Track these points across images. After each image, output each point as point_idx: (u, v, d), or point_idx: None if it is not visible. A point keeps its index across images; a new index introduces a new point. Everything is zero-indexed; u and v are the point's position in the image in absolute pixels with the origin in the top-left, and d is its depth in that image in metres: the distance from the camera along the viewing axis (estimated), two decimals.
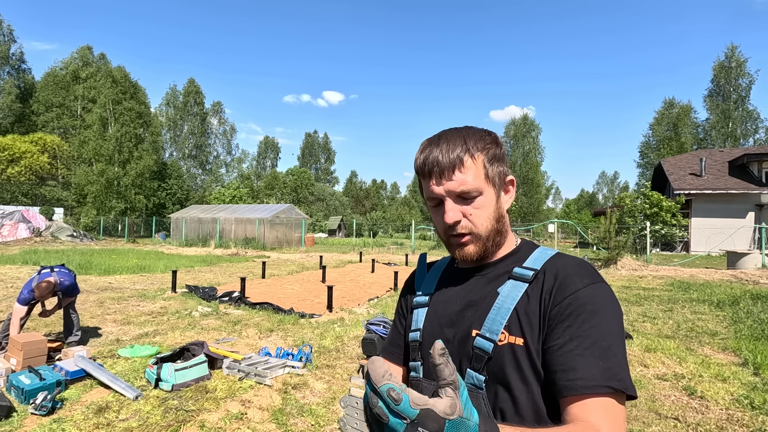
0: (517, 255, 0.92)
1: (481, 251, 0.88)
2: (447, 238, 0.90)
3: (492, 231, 0.88)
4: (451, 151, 0.84)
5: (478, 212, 0.86)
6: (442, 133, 0.90)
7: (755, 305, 7.70)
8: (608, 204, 66.25)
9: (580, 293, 0.78)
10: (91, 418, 3.25)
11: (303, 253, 21.00)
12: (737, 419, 3.38)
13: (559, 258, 0.88)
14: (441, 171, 0.85)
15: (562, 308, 0.78)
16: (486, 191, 0.86)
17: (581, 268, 0.84)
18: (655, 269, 13.83)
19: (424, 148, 0.89)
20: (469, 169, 0.85)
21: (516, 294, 0.84)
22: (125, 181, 33.98)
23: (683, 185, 22.72)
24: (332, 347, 5.22)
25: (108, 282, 10.24)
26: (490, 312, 0.84)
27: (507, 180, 0.92)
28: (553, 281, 0.82)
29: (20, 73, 43.17)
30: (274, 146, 69.58)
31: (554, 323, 0.78)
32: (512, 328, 0.81)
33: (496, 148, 0.88)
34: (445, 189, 0.85)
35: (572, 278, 0.81)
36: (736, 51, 41.83)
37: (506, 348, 0.80)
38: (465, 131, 0.89)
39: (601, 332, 0.75)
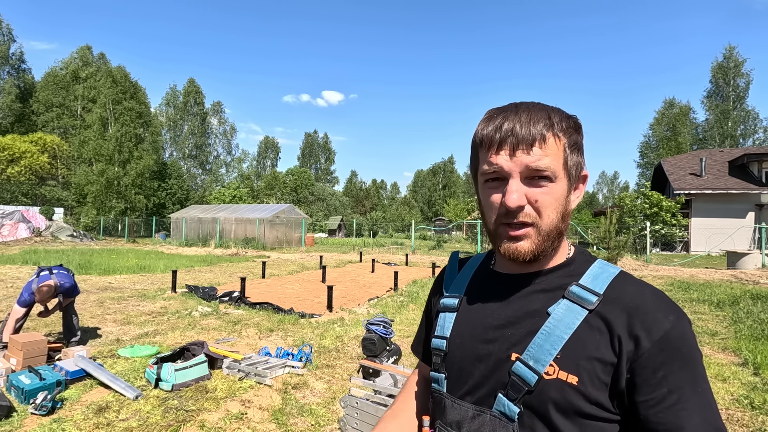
0: (570, 267, 0.78)
1: (537, 251, 0.73)
2: (497, 227, 0.75)
3: (555, 229, 0.73)
4: (533, 124, 0.71)
5: (547, 200, 0.72)
6: (519, 103, 0.76)
7: (755, 305, 7.70)
8: (608, 204, 66.26)
9: (670, 335, 0.66)
10: (91, 418, 3.25)
11: (303, 253, 21.00)
12: (737, 419, 3.38)
13: (626, 282, 0.73)
14: (517, 143, 0.70)
15: (651, 355, 0.66)
16: (560, 179, 0.73)
17: (660, 299, 0.71)
18: (655, 269, 13.84)
19: (494, 115, 0.74)
20: (550, 149, 0.71)
21: (572, 321, 0.70)
22: (125, 181, 33.99)
23: (683, 185, 22.73)
24: (332, 347, 5.22)
25: (108, 282, 10.24)
26: (537, 336, 0.71)
27: (582, 175, 0.78)
28: (626, 317, 0.68)
29: (20, 72, 43.20)
30: (274, 146, 69.62)
31: (644, 372, 0.66)
32: (564, 362, 0.68)
33: (577, 135, 0.76)
34: (516, 163, 0.71)
35: (654, 315, 0.68)
36: (734, 51, 41.89)
37: (554, 384, 0.68)
38: (547, 106, 0.75)
39: (697, 379, 0.67)
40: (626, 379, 0.67)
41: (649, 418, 0.66)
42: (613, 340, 0.68)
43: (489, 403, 0.74)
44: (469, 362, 0.78)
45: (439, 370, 0.83)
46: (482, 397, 0.75)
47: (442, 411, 0.81)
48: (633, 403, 0.67)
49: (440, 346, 0.83)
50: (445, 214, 50.23)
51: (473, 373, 0.77)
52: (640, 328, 0.67)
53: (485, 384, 0.75)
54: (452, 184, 70.09)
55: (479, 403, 0.75)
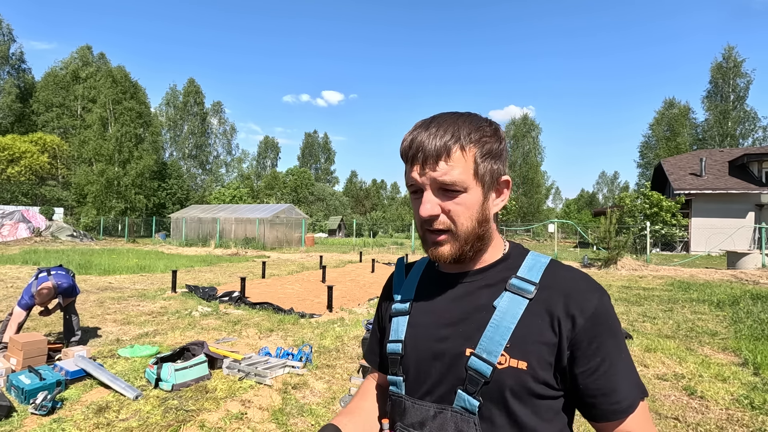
0: (508, 261, 0.84)
1: (456, 254, 0.79)
2: (423, 233, 0.81)
3: (472, 234, 0.78)
4: (439, 138, 0.75)
5: (460, 210, 0.77)
6: (438, 115, 0.80)
7: (755, 305, 7.70)
8: (608, 204, 66.26)
9: (599, 310, 0.75)
10: (91, 418, 3.25)
11: (303, 253, 21.00)
12: (737, 419, 3.38)
13: (557, 269, 0.81)
14: (425, 158, 0.75)
15: (585, 329, 0.73)
16: (472, 189, 0.77)
17: (587, 281, 0.79)
18: (655, 269, 13.83)
19: (413, 129, 0.80)
20: (456, 162, 0.75)
21: (516, 311, 0.76)
22: (125, 181, 34.01)
23: (683, 185, 22.73)
24: (332, 347, 5.22)
25: (108, 282, 10.24)
26: (487, 329, 0.76)
27: (501, 180, 0.82)
28: (562, 298, 0.75)
29: (20, 72, 43.21)
30: (274, 146, 69.63)
31: (581, 345, 0.73)
32: (514, 349, 0.74)
33: (493, 143, 0.78)
34: (427, 177, 0.76)
35: (585, 294, 0.76)
36: (733, 52, 41.88)
37: (507, 372, 0.73)
38: (462, 117, 0.79)
39: (621, 346, 0.76)
40: (567, 355, 0.74)
41: (588, 385, 0.74)
42: (553, 323, 0.74)
43: (449, 400, 0.77)
44: (425, 362, 0.81)
45: (396, 373, 0.85)
46: (442, 395, 0.78)
47: (402, 413, 0.82)
48: (573, 375, 0.75)
49: (396, 350, 0.86)
50: None
51: (430, 372, 0.80)
52: (575, 307, 0.74)
53: (443, 382, 0.78)
54: None
55: (439, 401, 0.78)
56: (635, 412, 0.75)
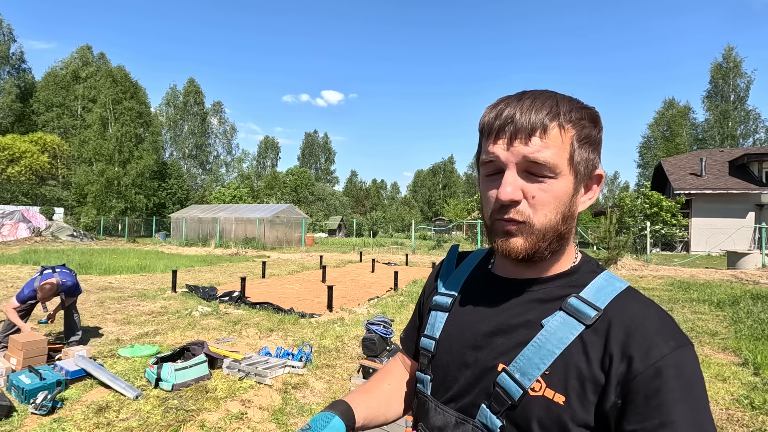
0: (573, 276, 0.71)
1: (531, 250, 0.67)
2: (493, 221, 0.69)
3: (552, 230, 0.67)
4: (536, 111, 0.65)
5: (546, 198, 0.66)
6: (528, 90, 0.70)
7: (755, 305, 7.70)
8: (608, 204, 66.28)
9: (668, 362, 0.59)
10: (91, 418, 3.25)
11: (303, 253, 21.00)
12: (737, 419, 3.38)
13: (631, 299, 0.67)
14: (515, 131, 0.65)
15: (644, 381, 0.59)
16: (564, 176, 0.66)
17: (663, 323, 0.64)
18: (655, 269, 13.84)
19: (499, 102, 0.69)
20: (553, 141, 0.64)
21: (567, 336, 0.65)
22: (125, 180, 34.01)
23: (683, 185, 22.73)
24: (332, 347, 5.22)
25: (108, 282, 10.24)
26: (527, 348, 0.66)
27: (594, 174, 0.72)
28: (624, 336, 0.62)
29: (20, 72, 43.22)
30: (274, 146, 69.65)
31: (635, 399, 0.59)
32: (553, 379, 0.63)
33: (593, 128, 0.69)
34: (513, 153, 0.65)
35: (654, 339, 0.61)
36: (732, 52, 41.88)
37: (539, 402, 0.63)
38: (559, 94, 0.69)
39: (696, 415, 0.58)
40: (613, 402, 0.61)
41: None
42: (604, 359, 0.62)
43: (472, 413, 0.71)
44: (455, 367, 0.75)
45: (425, 371, 0.80)
46: (466, 406, 0.72)
47: (425, 414, 0.78)
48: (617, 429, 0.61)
49: (428, 347, 0.80)
50: (445, 214, 50.21)
51: (458, 379, 0.74)
52: (636, 348, 0.61)
53: (470, 392, 0.72)
54: (452, 184, 70.11)
55: (463, 411, 0.72)
56: None
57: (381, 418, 0.87)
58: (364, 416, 0.82)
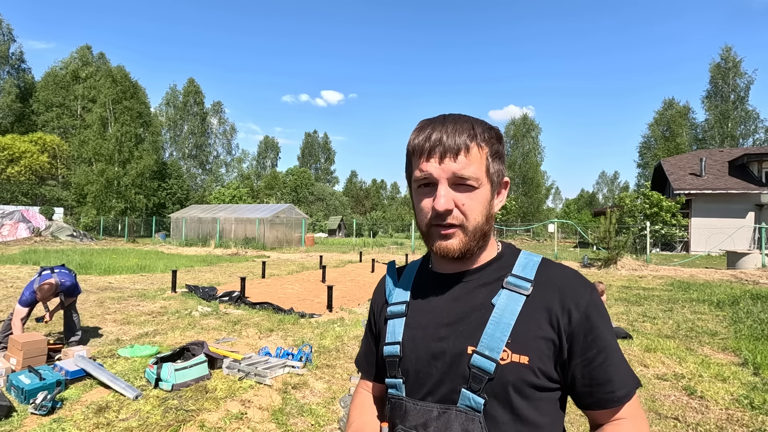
0: (502, 260, 0.86)
1: (465, 248, 0.80)
2: (429, 228, 0.81)
3: (480, 230, 0.80)
4: (458, 134, 0.77)
5: (473, 204, 0.79)
6: (446, 115, 0.82)
7: (755, 305, 7.71)
8: (608, 204, 66.28)
9: (590, 304, 0.78)
10: (91, 418, 3.25)
11: (303, 253, 21.00)
12: (737, 419, 3.38)
13: (549, 266, 0.84)
14: (444, 151, 0.77)
15: (580, 323, 0.77)
16: (484, 186, 0.80)
17: (578, 277, 0.83)
18: (655, 269, 13.83)
19: (424, 126, 0.81)
20: (474, 158, 0.78)
21: (515, 307, 0.78)
22: (125, 180, 33.99)
23: (683, 185, 22.72)
24: (332, 347, 5.22)
25: (108, 282, 10.24)
26: (487, 327, 0.77)
27: (503, 181, 0.86)
28: (557, 294, 0.79)
29: (20, 72, 43.19)
30: (274, 146, 69.64)
31: (578, 338, 0.77)
32: (515, 345, 0.75)
33: (499, 145, 0.83)
34: (444, 169, 0.77)
35: (577, 289, 0.80)
36: (731, 52, 41.87)
37: (510, 367, 0.75)
38: (472, 118, 0.82)
39: (612, 337, 0.79)
40: (566, 347, 0.77)
41: (584, 375, 0.77)
42: (551, 318, 0.77)
43: (453, 399, 0.77)
44: (425, 362, 0.81)
45: (395, 375, 0.85)
46: (444, 395, 0.78)
47: (404, 415, 0.82)
48: (571, 366, 0.78)
49: (394, 352, 0.85)
50: None
51: (431, 372, 0.80)
52: (570, 302, 0.78)
53: (445, 381, 0.78)
54: None
55: (442, 401, 0.78)
56: (631, 403, 0.79)
57: None
58: None
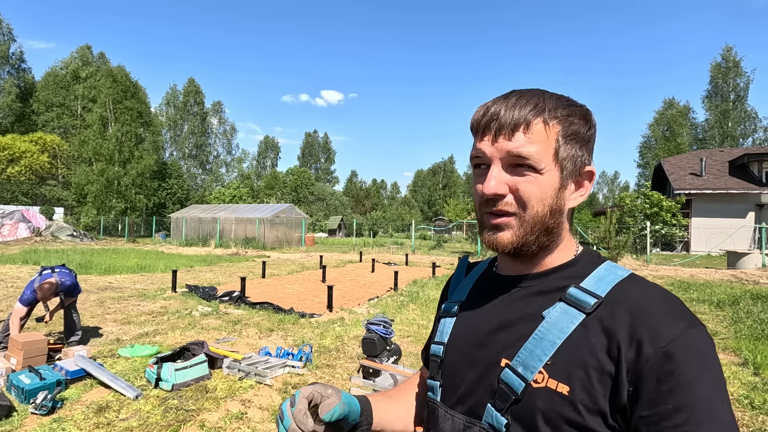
0: (573, 268, 0.71)
1: (518, 243, 0.68)
2: (481, 215, 0.70)
3: (540, 223, 0.67)
4: (519, 108, 0.66)
5: (531, 190, 0.66)
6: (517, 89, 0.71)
7: (755, 305, 7.70)
8: (608, 204, 66.29)
9: (679, 344, 0.57)
10: (91, 418, 3.25)
11: (303, 253, 21.00)
12: (737, 419, 3.37)
13: (634, 284, 0.65)
14: (500, 127, 0.66)
15: (655, 365, 0.57)
16: (549, 171, 0.66)
17: (671, 303, 0.62)
18: (655, 269, 13.84)
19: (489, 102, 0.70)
20: (536, 136, 0.65)
21: (567, 325, 0.64)
22: (125, 180, 33.99)
23: (683, 185, 22.72)
24: (332, 347, 5.22)
25: (108, 282, 10.24)
26: (529, 341, 0.65)
27: (584, 171, 0.70)
28: (630, 320, 0.60)
29: (20, 72, 43.22)
30: (274, 146, 69.66)
31: (647, 383, 0.57)
32: (555, 369, 0.62)
33: (581, 125, 0.68)
34: (498, 148, 0.66)
35: (662, 320, 0.59)
36: (731, 52, 41.89)
37: (542, 393, 0.62)
38: (547, 92, 0.70)
39: (712, 398, 0.56)
40: (627, 390, 0.58)
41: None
42: (611, 346, 0.60)
43: (479, 414, 0.69)
44: (461, 369, 0.74)
45: (434, 377, 0.79)
46: (472, 407, 0.71)
47: (435, 421, 0.76)
48: (633, 419, 0.58)
49: (437, 352, 0.79)
50: (445, 214, 50.20)
51: (464, 379, 0.73)
52: (645, 332, 0.58)
53: (475, 392, 0.70)
54: (452, 184, 70.11)
55: (470, 414, 0.71)
56: None
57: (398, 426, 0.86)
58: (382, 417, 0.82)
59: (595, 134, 0.71)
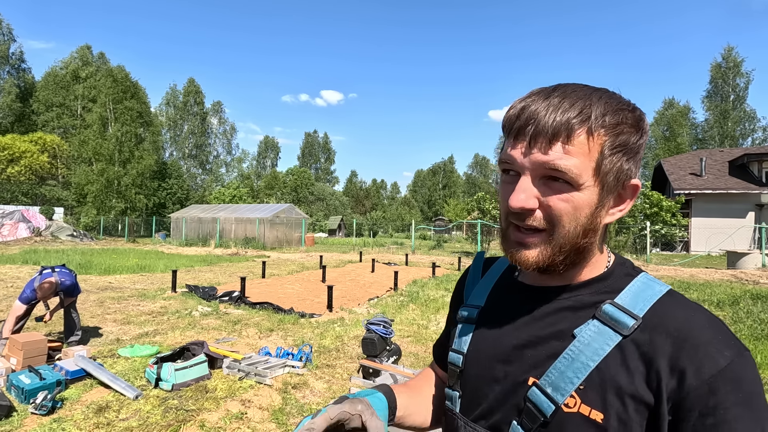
0: (606, 282, 0.65)
1: (544, 263, 0.62)
2: (507, 226, 0.64)
3: (570, 244, 0.61)
4: (562, 111, 0.57)
5: (565, 209, 0.59)
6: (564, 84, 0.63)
7: (755, 305, 7.70)
8: None
9: (725, 375, 0.53)
10: (91, 418, 3.25)
11: (303, 253, 21.01)
12: None
13: (674, 304, 0.60)
14: (536, 134, 0.58)
15: (699, 397, 0.53)
16: (587, 188, 0.59)
17: (716, 330, 0.57)
18: (655, 269, 13.84)
19: (529, 95, 0.62)
20: (578, 148, 0.57)
21: (602, 347, 0.59)
22: (125, 180, 34.00)
23: (683, 185, 22.73)
24: (332, 347, 5.22)
25: (108, 282, 10.24)
26: (559, 360, 0.61)
27: (628, 185, 0.63)
28: (671, 348, 0.56)
29: (20, 72, 43.24)
30: (274, 146, 69.68)
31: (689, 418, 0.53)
32: (589, 394, 0.58)
33: (632, 134, 0.60)
34: (531, 159, 0.59)
35: (707, 349, 0.55)
36: (732, 52, 41.89)
37: (574, 420, 0.58)
38: (598, 93, 0.60)
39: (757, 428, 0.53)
40: (668, 421, 0.55)
41: None
42: (650, 374, 0.56)
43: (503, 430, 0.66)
44: (484, 383, 0.70)
45: (453, 387, 0.75)
46: (496, 423, 0.67)
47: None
48: None
49: (456, 362, 0.75)
50: (445, 214, 50.23)
51: (488, 394, 0.69)
52: (688, 362, 0.54)
53: (500, 408, 0.67)
54: (452, 184, 70.14)
55: (493, 429, 0.67)
56: None
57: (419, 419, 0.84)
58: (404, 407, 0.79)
59: (645, 143, 0.63)
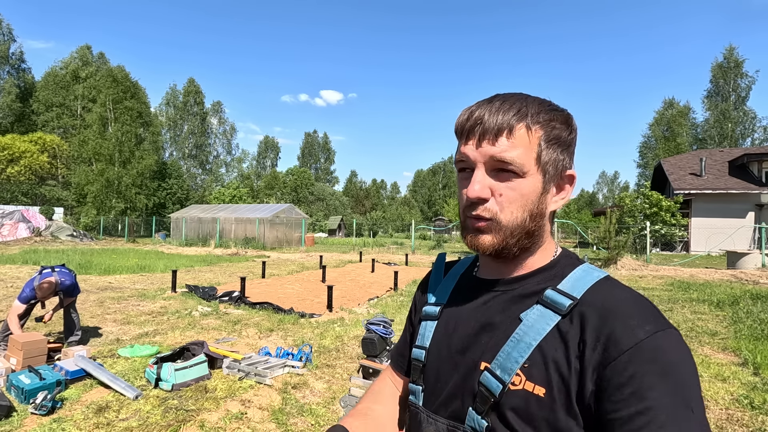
0: (552, 271, 0.72)
1: (498, 246, 0.69)
2: (465, 218, 0.71)
3: (520, 227, 0.68)
4: (503, 113, 0.66)
5: (512, 196, 0.67)
6: (501, 94, 0.72)
7: (755, 305, 7.70)
8: (608, 204, 66.29)
9: (644, 346, 0.57)
10: (91, 418, 3.25)
11: (303, 253, 21.00)
12: (737, 419, 3.38)
13: (607, 287, 0.66)
14: (483, 132, 0.67)
15: (617, 367, 0.57)
16: (531, 175, 0.67)
17: (639, 306, 0.62)
18: (655, 269, 13.84)
19: (474, 105, 0.71)
20: (519, 141, 0.66)
21: (543, 327, 0.64)
22: (125, 180, 33.99)
23: (683, 185, 22.73)
24: (332, 347, 5.22)
25: (108, 282, 10.24)
26: (506, 344, 0.66)
27: (565, 174, 0.72)
28: (598, 321, 0.61)
29: (20, 72, 43.23)
30: (274, 146, 69.67)
31: (610, 386, 0.57)
32: (533, 371, 0.63)
33: (562, 129, 0.69)
34: (481, 152, 0.67)
35: (628, 322, 0.59)
36: (734, 52, 41.84)
37: (519, 395, 0.63)
38: (530, 97, 0.70)
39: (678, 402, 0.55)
40: (591, 391, 0.58)
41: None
42: (579, 346, 0.61)
43: (462, 418, 0.69)
44: (444, 373, 0.74)
45: (416, 382, 0.79)
46: (455, 411, 0.71)
47: (418, 426, 0.77)
48: (599, 421, 0.58)
49: (419, 357, 0.79)
50: (445, 214, 50.23)
51: (447, 383, 0.73)
52: (610, 333, 0.59)
53: (457, 396, 0.71)
54: (452, 183, 70.10)
55: (453, 418, 0.71)
56: None
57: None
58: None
59: (575, 138, 0.72)
